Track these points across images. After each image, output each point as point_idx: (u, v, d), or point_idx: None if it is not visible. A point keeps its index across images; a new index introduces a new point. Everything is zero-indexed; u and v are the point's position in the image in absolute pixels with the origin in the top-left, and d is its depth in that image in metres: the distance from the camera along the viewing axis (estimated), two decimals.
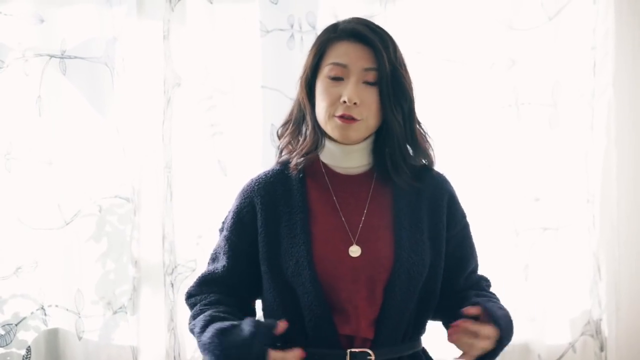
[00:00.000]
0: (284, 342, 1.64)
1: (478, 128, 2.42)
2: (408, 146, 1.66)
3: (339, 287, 1.60)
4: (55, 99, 2.06)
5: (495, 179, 2.44)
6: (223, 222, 1.74)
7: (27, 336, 2.06)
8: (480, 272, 1.85)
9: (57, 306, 2.08)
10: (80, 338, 2.09)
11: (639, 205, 2.64)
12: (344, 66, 1.57)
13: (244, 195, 1.70)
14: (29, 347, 2.05)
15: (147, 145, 2.12)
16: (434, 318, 1.77)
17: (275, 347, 1.55)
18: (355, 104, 1.57)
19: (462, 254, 1.77)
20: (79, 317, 2.09)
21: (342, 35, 1.59)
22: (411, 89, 1.63)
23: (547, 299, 2.50)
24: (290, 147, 1.68)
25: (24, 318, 2.04)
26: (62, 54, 2.04)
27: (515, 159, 2.45)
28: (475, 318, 1.59)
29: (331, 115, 1.59)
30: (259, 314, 1.73)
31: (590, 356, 2.55)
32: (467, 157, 2.42)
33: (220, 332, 1.59)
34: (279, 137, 1.71)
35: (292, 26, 2.21)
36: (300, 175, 1.67)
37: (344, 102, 1.57)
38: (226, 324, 1.61)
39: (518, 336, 2.42)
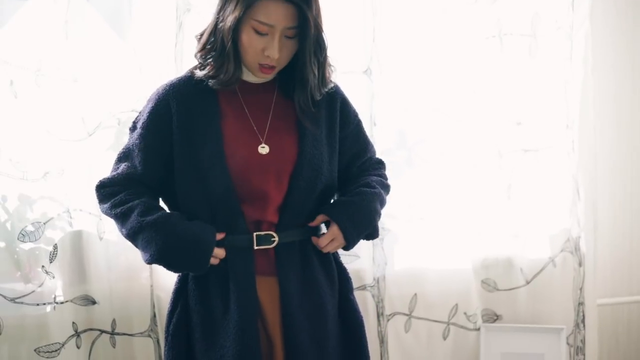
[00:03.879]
0: None
1: (464, 57, 2.76)
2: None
3: (248, 179, 1.93)
4: (80, 23, 2.37)
5: (480, 104, 2.78)
6: (134, 122, 2.04)
7: (54, 234, 2.37)
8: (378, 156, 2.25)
9: (81, 210, 2.40)
10: (101, 238, 2.42)
11: (614, 131, 3.00)
12: (270, 26, 1.85)
13: (159, 98, 1.99)
14: (56, 244, 2.36)
15: (161, 65, 2.43)
16: None
17: None
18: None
19: (358, 148, 2.15)
20: (100, 219, 2.41)
21: None
22: (325, 38, 1.92)
23: (528, 216, 2.85)
24: (210, 67, 1.93)
25: (52, 218, 2.36)
26: None
27: (498, 86, 2.78)
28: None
29: (255, 63, 1.90)
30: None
31: (569, 271, 2.91)
32: (454, 84, 2.75)
33: (175, 215, 1.93)
34: (200, 52, 1.96)
35: None
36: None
37: (268, 56, 1.88)
38: (174, 213, 1.96)
39: (501, 251, 2.80)
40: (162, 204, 2.08)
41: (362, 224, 2.04)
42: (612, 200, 3.16)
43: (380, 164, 2.23)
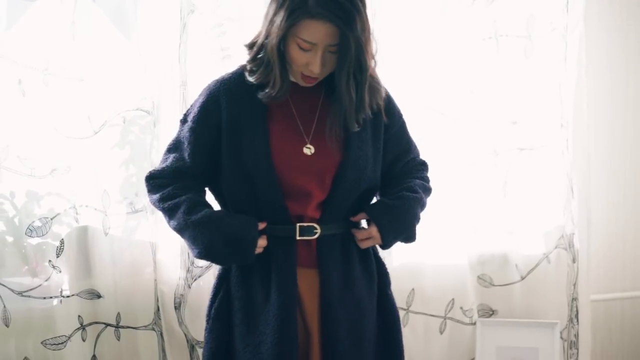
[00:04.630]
0: None
1: (461, 58, 2.83)
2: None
3: (293, 177, 1.99)
4: (87, 24, 2.43)
5: (476, 104, 2.85)
6: (185, 115, 2.11)
7: (60, 230, 2.44)
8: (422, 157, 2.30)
9: (87, 206, 2.46)
10: (106, 234, 2.48)
11: (608, 130, 3.08)
12: (312, 44, 1.89)
13: (210, 94, 2.05)
14: (62, 239, 2.43)
15: (165, 65, 2.49)
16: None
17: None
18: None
19: (401, 149, 2.20)
20: (106, 215, 2.47)
21: (315, 15, 1.84)
22: (369, 58, 1.93)
23: (523, 214, 2.93)
24: (258, 77, 1.97)
25: (58, 214, 2.42)
26: None
27: (494, 86, 2.86)
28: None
29: (299, 72, 1.95)
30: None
31: (563, 267, 2.98)
32: (451, 84, 2.83)
33: (218, 213, 2.00)
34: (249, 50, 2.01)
35: None
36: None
37: (311, 70, 1.92)
38: (218, 210, 2.02)
39: (497, 247, 2.86)
40: (209, 194, 2.14)
41: (401, 229, 2.11)
42: (606, 198, 3.24)
43: (423, 166, 2.29)
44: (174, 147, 2.11)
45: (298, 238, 2.02)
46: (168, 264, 2.53)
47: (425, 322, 2.86)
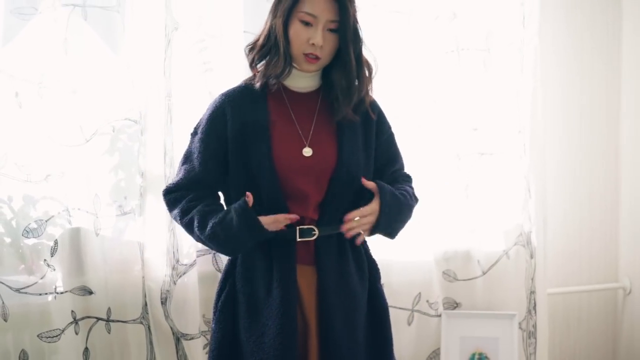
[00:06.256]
0: None
1: (426, 70, 3.00)
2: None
3: (292, 179, 2.17)
4: (78, 41, 2.55)
5: (440, 112, 3.02)
6: (195, 128, 2.28)
7: (54, 231, 2.54)
8: (406, 171, 2.46)
9: (79, 209, 2.56)
10: (97, 235, 2.59)
11: (563, 135, 3.29)
12: (314, 16, 2.12)
13: (216, 106, 2.23)
14: (56, 240, 2.52)
15: (151, 78, 2.61)
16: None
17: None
18: (320, 46, 2.13)
19: (389, 156, 2.38)
20: (97, 217, 2.58)
21: None
22: (361, 33, 2.18)
23: (485, 213, 3.10)
24: (265, 69, 2.19)
25: (52, 216, 2.52)
26: (84, 4, 2.54)
27: (456, 96, 3.03)
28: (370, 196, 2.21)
29: (301, 53, 2.15)
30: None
31: (521, 262, 3.15)
32: (416, 94, 3.00)
33: (221, 222, 2.15)
34: (251, 51, 2.23)
35: None
36: (263, 90, 2.20)
37: (312, 44, 2.13)
38: (219, 215, 2.18)
39: (460, 245, 3.03)
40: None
41: (395, 219, 2.28)
42: (562, 198, 3.43)
43: (409, 178, 2.46)
44: (185, 159, 2.27)
45: (298, 240, 2.18)
46: (155, 262, 2.64)
47: (394, 315, 2.87)
